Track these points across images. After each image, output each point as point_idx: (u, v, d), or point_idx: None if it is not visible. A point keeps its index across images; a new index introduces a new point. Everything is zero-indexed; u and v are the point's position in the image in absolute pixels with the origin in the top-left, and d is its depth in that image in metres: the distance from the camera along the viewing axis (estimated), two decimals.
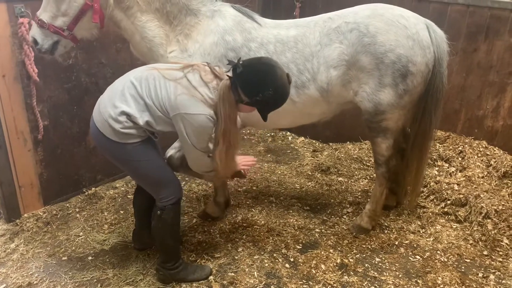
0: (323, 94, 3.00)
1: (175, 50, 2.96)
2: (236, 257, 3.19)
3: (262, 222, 3.60)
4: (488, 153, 3.96)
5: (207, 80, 2.44)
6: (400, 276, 3.06)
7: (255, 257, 3.19)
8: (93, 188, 4.00)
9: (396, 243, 3.38)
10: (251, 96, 2.39)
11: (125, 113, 2.44)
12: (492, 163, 3.86)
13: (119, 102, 2.46)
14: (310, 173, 4.43)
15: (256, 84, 2.37)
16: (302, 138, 5.21)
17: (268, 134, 5.32)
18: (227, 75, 2.47)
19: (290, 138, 5.27)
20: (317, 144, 5.06)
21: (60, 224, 3.56)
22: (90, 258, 3.19)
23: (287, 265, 3.13)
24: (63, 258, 3.19)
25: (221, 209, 3.64)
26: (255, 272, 3.05)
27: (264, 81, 2.35)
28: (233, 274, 3.03)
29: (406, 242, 3.39)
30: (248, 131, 5.33)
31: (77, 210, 3.74)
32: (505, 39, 3.77)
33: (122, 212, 3.73)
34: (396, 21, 2.87)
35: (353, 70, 2.92)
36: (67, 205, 3.80)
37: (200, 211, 3.72)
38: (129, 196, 3.94)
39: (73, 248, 3.29)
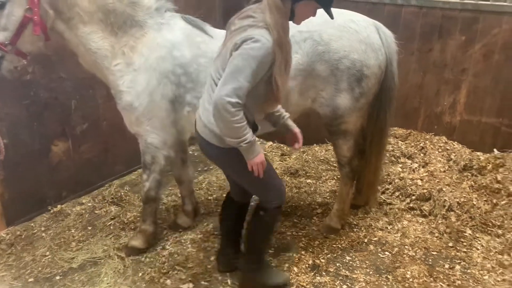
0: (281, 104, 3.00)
1: (120, 63, 2.88)
2: (209, 266, 3.17)
3: None
4: (448, 147, 4.11)
5: (247, 14, 2.28)
6: (371, 273, 3.12)
7: None
8: (58, 206, 3.89)
9: (366, 240, 3.45)
10: None
11: None
12: (452, 157, 4.01)
13: (209, 104, 2.36)
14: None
15: None
16: (270, 143, 5.25)
17: None
18: None
19: (258, 143, 5.28)
20: (285, 148, 5.10)
21: (25, 245, 3.44)
22: (58, 277, 3.10)
23: None
24: (30, 280, 3.08)
25: (191, 218, 3.62)
26: (229, 280, 3.04)
27: None
28: (206, 283, 3.01)
29: (375, 239, 3.47)
30: None
31: (42, 229, 3.63)
32: (456, 38, 3.94)
33: (90, 228, 3.65)
34: (347, 27, 2.92)
35: (309, 79, 2.95)
36: (32, 224, 3.68)
37: (170, 222, 3.68)
38: (96, 212, 3.86)
39: (40, 268, 3.19)
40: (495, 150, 4.02)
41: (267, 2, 2.21)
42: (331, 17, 2.32)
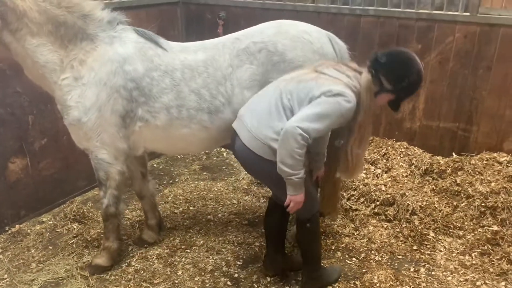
0: None
1: (68, 77, 2.79)
2: (176, 281, 3.11)
3: (201, 242, 3.56)
4: (409, 153, 4.22)
5: (344, 71, 2.52)
6: (339, 279, 3.14)
7: (196, 278, 3.14)
8: (16, 226, 3.72)
9: (333, 247, 3.48)
10: (398, 82, 2.48)
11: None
12: (414, 162, 4.12)
13: (273, 122, 2.49)
14: (246, 187, 4.45)
15: (402, 70, 2.49)
16: None
17: (202, 152, 5.28)
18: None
19: (224, 154, 5.27)
20: None
21: None
22: None
23: (229, 283, 3.11)
24: None
25: (156, 232, 3.55)
26: None
27: (409, 66, 2.49)
28: None
29: (342, 245, 3.50)
30: None
31: None
32: (413, 46, 4.06)
33: (51, 247, 3.51)
34: (301, 37, 2.92)
35: None
36: None
37: (135, 238, 3.60)
38: (57, 230, 3.72)
39: None
40: (454, 154, 4.15)
41: (365, 80, 2.50)
42: (397, 110, 2.66)
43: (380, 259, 3.35)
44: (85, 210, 3.94)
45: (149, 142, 3.05)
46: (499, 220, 3.51)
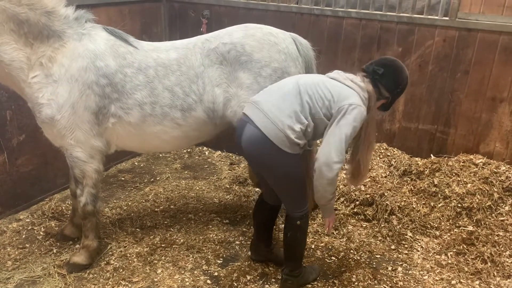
0: (210, 115, 3.07)
1: (38, 74, 2.78)
2: (156, 279, 3.10)
3: (182, 240, 3.55)
4: (388, 154, 4.28)
5: (356, 81, 2.69)
6: (318, 278, 3.17)
7: (175, 277, 3.13)
8: None
9: (313, 246, 3.51)
10: (394, 89, 2.76)
11: (300, 121, 2.57)
12: (393, 163, 4.18)
13: (293, 111, 2.58)
14: (228, 186, 4.46)
15: (397, 78, 2.76)
16: (219, 152, 5.23)
17: (184, 151, 5.27)
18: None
19: (207, 153, 5.26)
20: (233, 157, 5.11)
21: None
22: None
23: (208, 281, 3.11)
24: None
25: (80, 230, 3.42)
26: None
27: (402, 74, 2.78)
28: None
29: (322, 244, 3.54)
30: None
31: None
32: (394, 48, 4.13)
33: (27, 245, 3.45)
34: (267, 39, 3.08)
35: (233, 87, 3.03)
36: None
37: (57, 233, 3.55)
38: (35, 228, 3.66)
39: None
40: (432, 155, 4.23)
41: (371, 90, 2.69)
42: (387, 110, 2.91)
43: (358, 258, 3.39)
44: (63, 207, 3.89)
45: (121, 139, 3.08)
46: (474, 220, 3.59)
